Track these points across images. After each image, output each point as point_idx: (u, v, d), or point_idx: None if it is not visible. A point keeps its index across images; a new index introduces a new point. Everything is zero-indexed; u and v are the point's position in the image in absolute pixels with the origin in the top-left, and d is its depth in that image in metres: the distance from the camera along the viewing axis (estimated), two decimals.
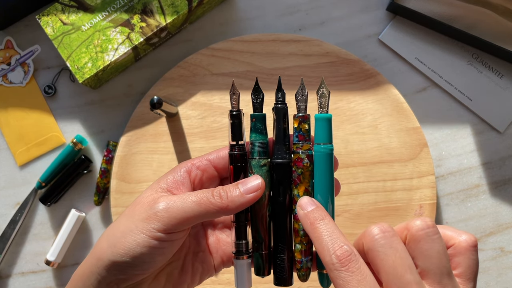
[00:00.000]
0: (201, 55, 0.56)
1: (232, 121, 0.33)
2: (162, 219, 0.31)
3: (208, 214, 0.31)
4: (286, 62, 0.56)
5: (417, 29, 0.58)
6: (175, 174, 0.34)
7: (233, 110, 0.34)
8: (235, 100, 0.34)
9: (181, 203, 0.31)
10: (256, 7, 0.59)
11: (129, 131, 0.56)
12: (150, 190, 0.33)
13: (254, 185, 0.32)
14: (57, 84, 0.58)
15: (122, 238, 0.31)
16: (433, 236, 0.29)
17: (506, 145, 0.57)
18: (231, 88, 0.34)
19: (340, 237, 0.29)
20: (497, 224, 0.56)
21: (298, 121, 0.32)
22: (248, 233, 0.34)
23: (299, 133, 0.32)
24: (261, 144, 0.33)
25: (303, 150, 0.32)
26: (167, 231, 0.31)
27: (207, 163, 0.35)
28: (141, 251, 0.31)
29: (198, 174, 0.34)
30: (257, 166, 0.33)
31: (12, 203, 0.58)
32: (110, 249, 0.31)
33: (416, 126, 0.55)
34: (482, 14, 0.56)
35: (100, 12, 0.54)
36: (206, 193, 0.32)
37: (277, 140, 0.33)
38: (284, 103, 0.33)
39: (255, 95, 0.34)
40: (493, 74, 0.57)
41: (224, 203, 0.31)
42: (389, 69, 0.58)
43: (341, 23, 0.58)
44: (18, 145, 0.58)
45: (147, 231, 0.31)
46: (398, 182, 0.54)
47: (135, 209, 0.32)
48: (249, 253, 0.34)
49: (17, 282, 0.57)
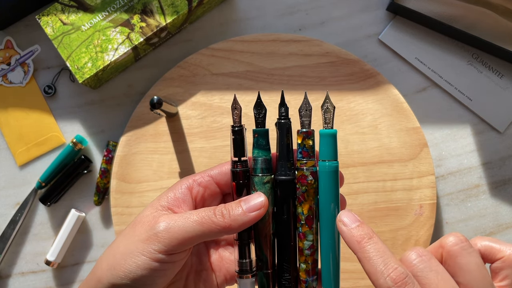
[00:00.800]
0: (201, 55, 0.56)
1: (234, 137, 0.32)
2: (163, 240, 0.30)
3: (211, 234, 0.30)
4: (286, 62, 0.56)
5: (417, 29, 0.58)
6: (176, 191, 0.33)
7: (235, 125, 0.33)
8: (237, 115, 0.33)
9: (182, 222, 0.30)
10: (256, 7, 0.59)
11: (129, 131, 0.56)
12: (151, 208, 0.32)
13: (257, 203, 0.31)
14: (57, 84, 0.58)
15: (122, 260, 0.30)
16: (469, 249, 0.30)
17: (506, 145, 0.57)
18: (233, 103, 0.33)
19: (392, 257, 0.28)
20: (497, 224, 0.56)
21: (302, 137, 0.31)
22: (251, 251, 0.33)
23: (303, 149, 0.31)
24: (264, 160, 0.32)
25: (307, 167, 0.31)
26: (168, 252, 0.30)
27: (209, 179, 0.34)
28: (141, 273, 0.30)
29: (200, 191, 0.33)
30: (260, 183, 0.32)
31: (12, 203, 0.58)
32: (110, 272, 0.30)
33: (416, 126, 0.55)
34: (482, 14, 0.56)
35: (100, 12, 0.54)
36: (208, 212, 0.31)
37: (281, 156, 0.32)
38: (288, 118, 0.32)
39: (258, 110, 0.33)
40: (493, 74, 0.57)
41: (227, 223, 0.30)
42: (389, 69, 0.58)
43: (341, 23, 0.58)
44: (18, 145, 0.58)
45: (148, 252, 0.30)
46: (398, 182, 0.54)
47: (135, 228, 0.31)
48: (252, 272, 0.33)
49: (17, 282, 0.57)
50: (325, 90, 0.56)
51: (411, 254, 0.29)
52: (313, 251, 0.32)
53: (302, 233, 0.32)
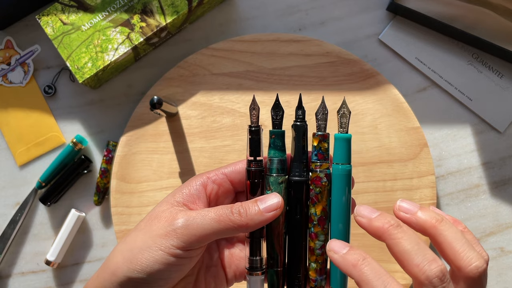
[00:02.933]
0: (201, 55, 0.56)
1: (251, 137, 0.33)
2: (182, 236, 0.30)
3: (227, 231, 0.31)
4: (286, 62, 0.56)
5: (417, 29, 0.58)
6: (191, 188, 0.33)
7: (253, 125, 0.33)
8: (255, 115, 0.33)
9: (201, 220, 0.31)
10: (256, 7, 0.59)
11: (129, 131, 0.56)
12: (166, 203, 0.33)
13: (273, 204, 0.31)
14: (57, 84, 0.58)
15: (139, 254, 0.31)
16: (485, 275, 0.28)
17: (506, 145, 0.57)
18: (252, 103, 0.33)
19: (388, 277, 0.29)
20: (497, 224, 0.56)
21: (318, 139, 0.32)
22: (262, 249, 0.34)
23: (319, 151, 0.32)
24: (279, 161, 0.33)
25: (321, 169, 0.32)
26: (185, 248, 0.31)
27: (223, 177, 0.34)
28: (158, 268, 0.30)
29: (214, 188, 0.34)
30: (275, 183, 0.33)
31: (12, 203, 0.58)
32: (126, 265, 0.31)
33: (416, 126, 0.55)
34: (482, 14, 0.56)
35: (100, 12, 0.54)
36: (225, 209, 0.31)
37: (296, 157, 0.33)
38: (304, 121, 0.33)
39: (275, 112, 0.33)
40: (493, 74, 0.57)
41: (243, 221, 0.31)
42: (389, 69, 0.58)
43: (341, 23, 0.58)
44: (18, 145, 0.58)
45: (166, 248, 0.30)
46: (398, 182, 0.54)
47: (152, 223, 0.32)
48: (263, 269, 0.34)
49: (17, 282, 0.57)
50: (325, 90, 0.56)
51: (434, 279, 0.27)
52: (323, 251, 0.33)
53: (314, 233, 0.33)
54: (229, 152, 0.55)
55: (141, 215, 0.55)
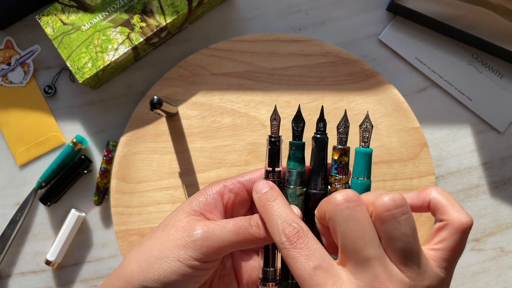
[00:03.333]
0: (201, 55, 0.56)
1: (271, 147, 0.33)
2: (201, 248, 0.30)
3: (245, 244, 0.31)
4: (286, 62, 0.56)
5: (417, 29, 0.58)
6: (208, 196, 0.33)
7: (273, 136, 0.33)
8: (276, 126, 0.33)
9: (220, 232, 0.30)
10: (256, 7, 0.59)
11: (129, 131, 0.56)
12: (183, 212, 0.32)
13: None
14: (57, 84, 0.58)
15: (156, 264, 0.30)
16: (400, 217, 0.27)
17: (506, 145, 0.57)
18: (273, 114, 0.33)
19: (290, 215, 0.29)
20: (497, 224, 0.56)
21: (338, 153, 0.32)
22: (276, 260, 0.33)
23: (339, 165, 0.32)
24: (298, 173, 0.32)
25: (340, 183, 0.32)
26: (203, 259, 0.30)
27: (240, 186, 0.34)
28: (175, 278, 0.30)
29: (231, 198, 0.34)
30: (293, 195, 0.32)
31: (12, 203, 0.58)
32: (142, 274, 0.30)
33: (416, 126, 0.55)
34: (482, 14, 0.56)
35: (100, 12, 0.54)
36: (244, 222, 0.31)
37: (315, 170, 0.32)
38: (325, 133, 0.33)
39: (296, 123, 0.33)
40: (493, 74, 0.57)
41: (262, 235, 0.30)
42: (389, 69, 0.58)
43: (341, 23, 0.58)
44: (18, 145, 0.58)
45: (184, 259, 0.30)
46: (398, 182, 0.54)
47: (169, 233, 0.31)
48: (276, 280, 0.33)
49: (17, 282, 0.57)
50: (325, 90, 0.56)
51: (337, 197, 0.27)
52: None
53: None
54: (229, 152, 0.55)
55: (141, 215, 0.55)
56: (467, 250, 0.56)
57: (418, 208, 0.30)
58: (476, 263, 0.56)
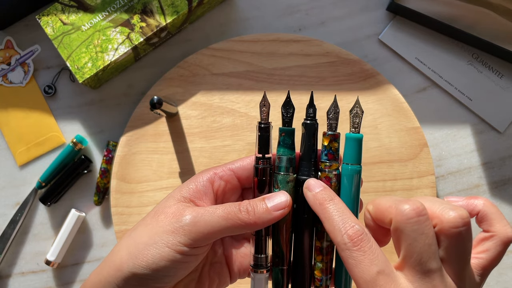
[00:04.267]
0: (201, 55, 0.56)
1: (261, 134, 0.33)
2: (189, 233, 0.30)
3: (235, 229, 0.31)
4: (286, 62, 0.56)
5: (417, 29, 0.58)
6: (198, 183, 0.33)
7: (262, 122, 0.33)
8: (265, 112, 0.33)
9: (209, 217, 0.30)
10: (256, 7, 0.59)
11: (129, 131, 0.56)
12: (172, 199, 0.32)
13: (281, 202, 0.31)
14: (57, 84, 0.58)
15: (145, 250, 0.30)
16: (466, 234, 0.29)
17: (506, 145, 0.57)
18: (262, 100, 0.33)
19: (351, 216, 0.29)
20: None
21: (328, 139, 0.32)
22: (267, 247, 0.33)
23: (329, 151, 0.32)
24: (288, 159, 0.32)
25: (330, 169, 0.32)
26: (192, 245, 0.30)
27: (231, 173, 0.34)
28: (164, 264, 0.30)
29: (221, 185, 0.34)
30: (283, 181, 0.32)
31: (12, 203, 0.58)
32: (132, 261, 0.30)
33: (416, 126, 0.55)
34: (482, 14, 0.56)
35: (100, 12, 0.54)
36: (234, 207, 0.31)
37: (305, 156, 0.32)
38: (315, 119, 0.32)
39: (286, 109, 0.33)
40: (493, 74, 0.57)
41: (252, 219, 0.31)
42: (389, 69, 0.58)
43: (341, 23, 0.58)
44: (18, 145, 0.58)
45: (173, 244, 0.30)
46: (398, 182, 0.54)
47: (158, 219, 0.31)
48: (267, 267, 0.33)
49: (17, 282, 0.57)
50: (325, 90, 0.56)
51: (408, 210, 0.28)
52: (329, 250, 0.33)
53: (321, 233, 0.33)
54: (229, 152, 0.55)
55: (141, 215, 0.55)
56: None
57: None
58: None
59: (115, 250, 0.32)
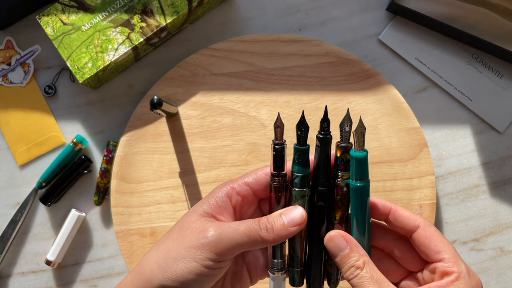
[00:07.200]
0: (201, 55, 0.56)
1: (275, 153, 0.34)
2: (215, 249, 0.32)
3: (256, 245, 0.33)
4: (286, 62, 0.56)
5: (417, 29, 0.58)
6: (217, 199, 0.35)
7: (277, 142, 0.34)
8: (279, 132, 0.34)
9: (232, 233, 0.33)
10: (256, 7, 0.59)
11: (129, 131, 0.56)
12: (195, 213, 0.35)
13: (297, 218, 0.33)
14: (57, 84, 0.59)
15: (174, 264, 0.33)
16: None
17: (506, 145, 0.57)
18: (276, 121, 0.34)
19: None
20: (497, 224, 0.56)
21: (341, 151, 0.34)
22: (284, 251, 0.36)
23: (341, 162, 0.34)
24: (303, 176, 0.34)
25: (342, 179, 0.34)
26: (218, 259, 0.32)
27: (247, 188, 0.36)
28: (192, 277, 0.32)
29: (238, 200, 0.36)
30: (298, 196, 0.34)
31: (12, 203, 0.58)
32: (162, 274, 0.33)
33: (416, 126, 0.55)
34: (482, 14, 0.56)
35: (100, 12, 0.54)
36: (254, 224, 0.33)
37: (320, 168, 0.34)
38: (329, 133, 0.34)
39: (300, 129, 0.34)
40: (493, 74, 0.57)
41: (271, 237, 0.33)
42: (389, 69, 0.58)
43: (341, 23, 0.58)
44: (18, 145, 0.58)
45: (200, 259, 0.32)
46: (398, 182, 0.54)
47: (184, 234, 0.34)
48: (284, 269, 0.36)
49: (17, 282, 0.57)
50: (325, 90, 0.56)
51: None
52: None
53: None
54: (229, 152, 0.55)
55: (141, 215, 0.55)
56: (467, 250, 0.56)
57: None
58: (476, 263, 0.56)
59: (144, 263, 0.34)
